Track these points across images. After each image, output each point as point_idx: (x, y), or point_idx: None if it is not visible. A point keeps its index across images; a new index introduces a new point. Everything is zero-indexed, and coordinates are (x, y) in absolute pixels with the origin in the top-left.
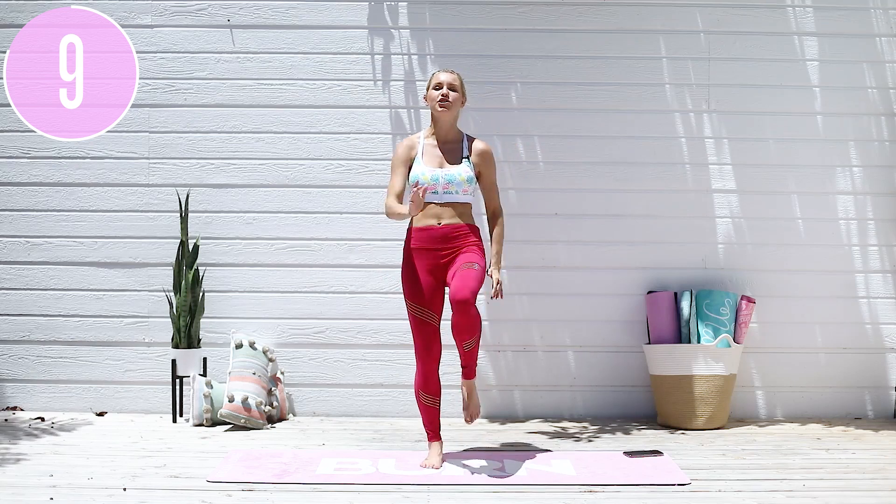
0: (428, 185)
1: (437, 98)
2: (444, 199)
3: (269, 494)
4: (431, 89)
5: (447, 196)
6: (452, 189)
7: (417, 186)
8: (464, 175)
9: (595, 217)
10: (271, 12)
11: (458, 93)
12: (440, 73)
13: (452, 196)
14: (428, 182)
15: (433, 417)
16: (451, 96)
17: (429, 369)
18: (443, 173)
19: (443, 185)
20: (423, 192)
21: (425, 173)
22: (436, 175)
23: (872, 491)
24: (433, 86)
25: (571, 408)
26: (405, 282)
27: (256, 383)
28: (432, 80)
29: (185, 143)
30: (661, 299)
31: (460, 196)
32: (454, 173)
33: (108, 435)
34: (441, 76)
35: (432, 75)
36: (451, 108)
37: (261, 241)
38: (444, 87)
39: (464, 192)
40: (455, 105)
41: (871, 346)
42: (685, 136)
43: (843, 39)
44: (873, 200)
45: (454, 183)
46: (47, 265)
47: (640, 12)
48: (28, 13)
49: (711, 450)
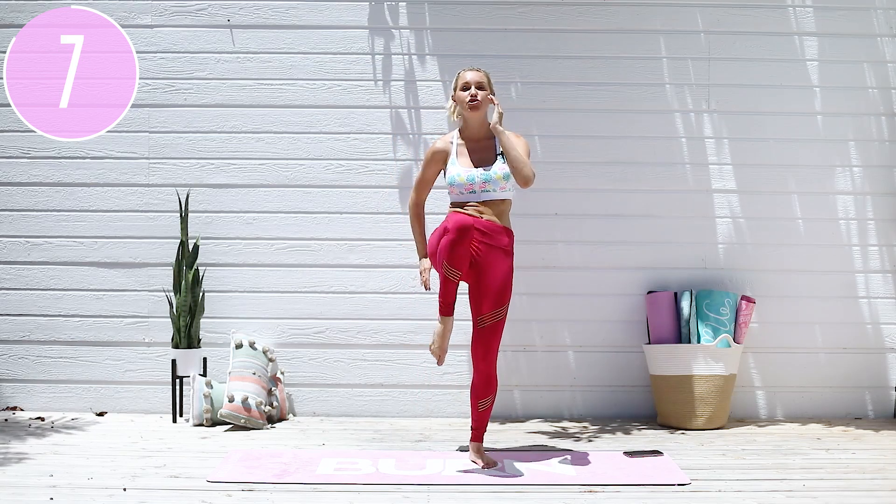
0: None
1: (467, 98)
2: (483, 198)
3: (269, 494)
4: (459, 90)
5: (485, 195)
6: (490, 188)
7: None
8: (500, 172)
9: (595, 217)
10: (271, 12)
11: (487, 90)
12: (466, 73)
13: (490, 194)
14: (465, 183)
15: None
16: (479, 95)
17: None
18: (479, 173)
19: (479, 184)
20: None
21: (461, 174)
22: (472, 175)
23: (872, 491)
24: (461, 86)
25: (571, 408)
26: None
27: (256, 383)
28: (458, 79)
29: (185, 143)
30: (661, 299)
31: (499, 193)
32: (490, 172)
33: (108, 435)
34: (468, 75)
35: (458, 74)
36: (480, 107)
37: (261, 241)
38: (471, 86)
39: (501, 189)
40: (484, 103)
41: (871, 346)
42: (685, 136)
43: (843, 39)
44: (873, 200)
45: (491, 181)
46: (47, 265)
47: (640, 12)
48: (28, 13)
49: (711, 450)
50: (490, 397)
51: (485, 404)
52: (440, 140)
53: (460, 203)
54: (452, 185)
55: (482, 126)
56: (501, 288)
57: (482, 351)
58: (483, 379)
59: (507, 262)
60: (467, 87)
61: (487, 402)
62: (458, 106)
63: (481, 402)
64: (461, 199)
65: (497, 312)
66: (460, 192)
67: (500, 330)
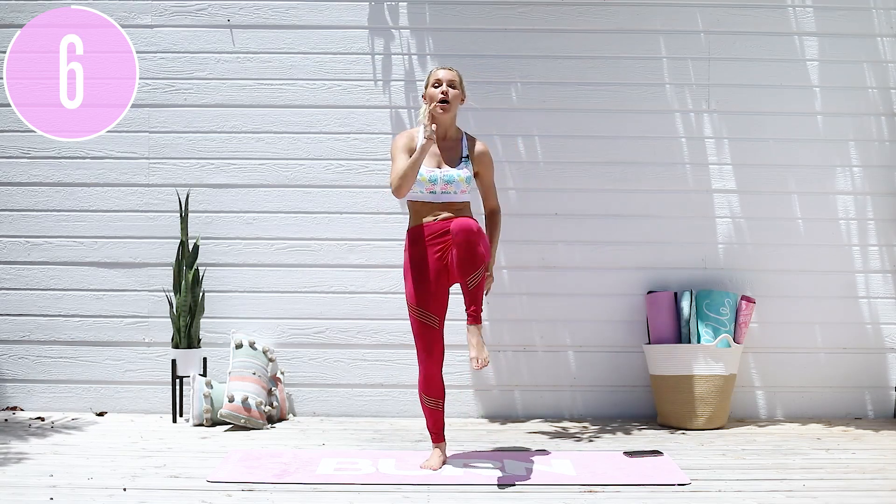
0: (426, 185)
1: (438, 96)
2: (442, 199)
3: (269, 494)
4: (430, 87)
5: (445, 196)
6: (451, 189)
7: (427, 106)
8: (463, 175)
9: (595, 217)
10: (271, 12)
11: (458, 90)
12: (438, 71)
13: (451, 196)
14: (426, 183)
15: (436, 420)
16: (450, 94)
17: (431, 372)
18: (441, 174)
19: (441, 185)
20: (432, 109)
21: (423, 173)
22: (434, 176)
23: (872, 491)
24: (432, 83)
25: (572, 408)
26: (406, 284)
27: (256, 383)
28: (431, 77)
29: (185, 143)
30: (661, 299)
31: (458, 196)
32: (453, 174)
33: (108, 435)
34: (440, 73)
35: (430, 72)
36: (450, 108)
37: (261, 241)
38: (443, 84)
39: (462, 192)
40: (454, 104)
41: (871, 346)
42: (685, 136)
43: (843, 39)
44: (873, 200)
45: (453, 183)
46: (47, 265)
47: (640, 12)
48: (28, 13)
49: (711, 450)
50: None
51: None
52: (405, 133)
53: (418, 202)
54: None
55: (451, 125)
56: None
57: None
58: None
59: None
60: (438, 84)
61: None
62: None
63: (470, 278)
64: (419, 198)
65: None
66: (420, 191)
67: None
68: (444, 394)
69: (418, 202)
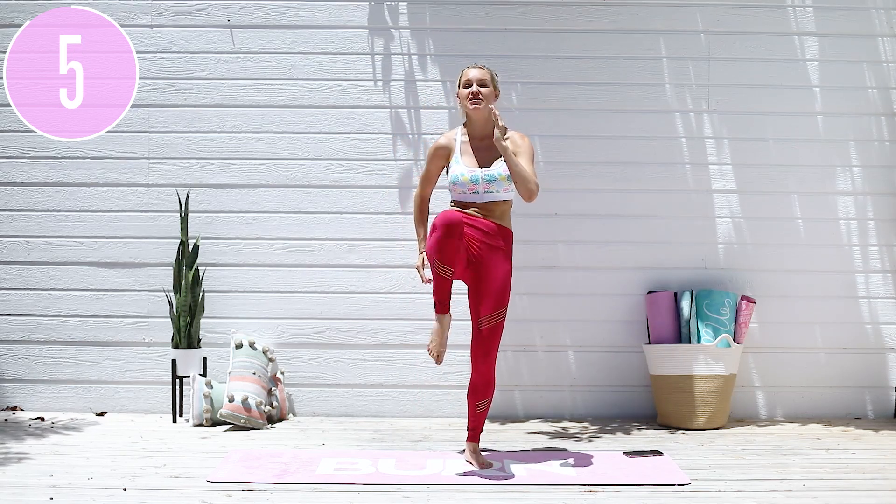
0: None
1: (468, 96)
2: (486, 199)
3: (269, 494)
4: (462, 87)
5: (488, 196)
6: (493, 189)
7: (421, 273)
8: (504, 173)
9: (595, 217)
10: (271, 12)
11: (490, 88)
12: (469, 70)
13: (493, 195)
14: (468, 183)
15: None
16: (482, 93)
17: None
18: (482, 174)
19: (483, 185)
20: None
21: (464, 174)
22: (475, 176)
23: (872, 491)
24: (463, 84)
25: (572, 408)
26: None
27: (256, 383)
28: (462, 77)
29: (185, 143)
30: (661, 299)
31: (501, 195)
32: (493, 172)
33: (108, 435)
34: (470, 73)
35: (462, 72)
36: (482, 105)
37: (261, 241)
38: (473, 84)
39: (505, 189)
40: (487, 102)
41: (871, 346)
42: (685, 136)
43: (843, 39)
44: (873, 200)
45: (494, 182)
46: (47, 265)
47: (640, 12)
48: (28, 13)
49: (711, 450)
50: (488, 399)
51: (482, 406)
52: (444, 136)
53: (462, 203)
54: (455, 184)
55: (486, 124)
56: (500, 289)
57: (482, 352)
58: (482, 380)
59: (507, 265)
60: (469, 84)
61: (485, 403)
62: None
63: (479, 403)
64: (463, 199)
65: (496, 315)
66: (462, 192)
67: (499, 332)
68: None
69: (460, 202)
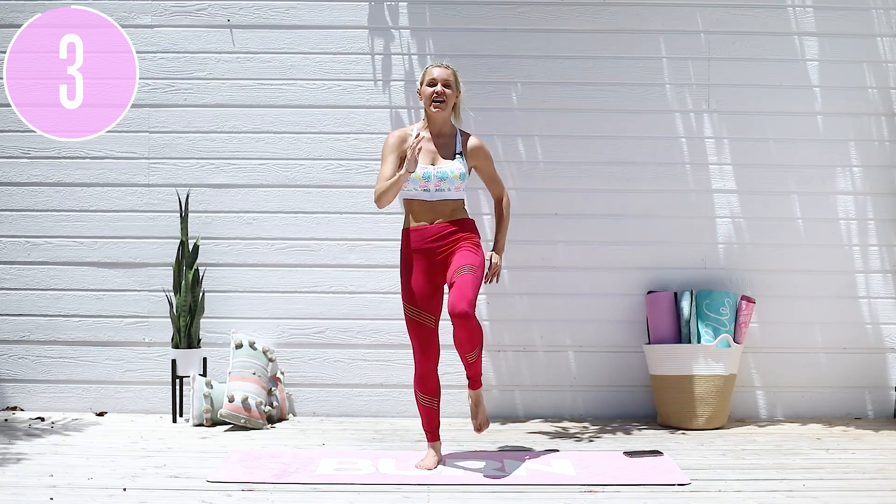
0: (420, 182)
1: (431, 95)
2: (436, 197)
3: (269, 494)
4: (425, 85)
5: (439, 194)
6: (444, 186)
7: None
8: (456, 172)
9: (595, 217)
10: (271, 12)
11: (452, 89)
12: (433, 69)
13: (444, 193)
14: (420, 180)
15: (432, 418)
16: (444, 94)
17: (426, 369)
18: (435, 170)
19: (434, 182)
20: (417, 151)
21: (417, 171)
22: (428, 172)
23: (872, 491)
24: (427, 82)
25: (572, 408)
26: (402, 284)
27: (256, 383)
28: (426, 74)
29: (185, 143)
30: (661, 299)
31: (452, 193)
32: (446, 170)
33: (108, 435)
34: (434, 72)
35: (426, 69)
36: (444, 107)
37: (261, 241)
38: (437, 83)
39: (456, 188)
40: (449, 103)
41: (871, 346)
42: (685, 136)
43: (843, 39)
44: (873, 200)
45: (446, 180)
46: (47, 265)
47: (640, 12)
48: (28, 13)
49: (711, 450)
50: (477, 349)
51: (473, 356)
52: (400, 129)
53: (413, 200)
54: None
55: (445, 122)
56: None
57: (458, 294)
58: (465, 332)
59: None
60: (434, 83)
61: (475, 353)
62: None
63: (469, 354)
64: (414, 197)
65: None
66: (413, 189)
67: (478, 280)
68: (440, 393)
69: (414, 201)
